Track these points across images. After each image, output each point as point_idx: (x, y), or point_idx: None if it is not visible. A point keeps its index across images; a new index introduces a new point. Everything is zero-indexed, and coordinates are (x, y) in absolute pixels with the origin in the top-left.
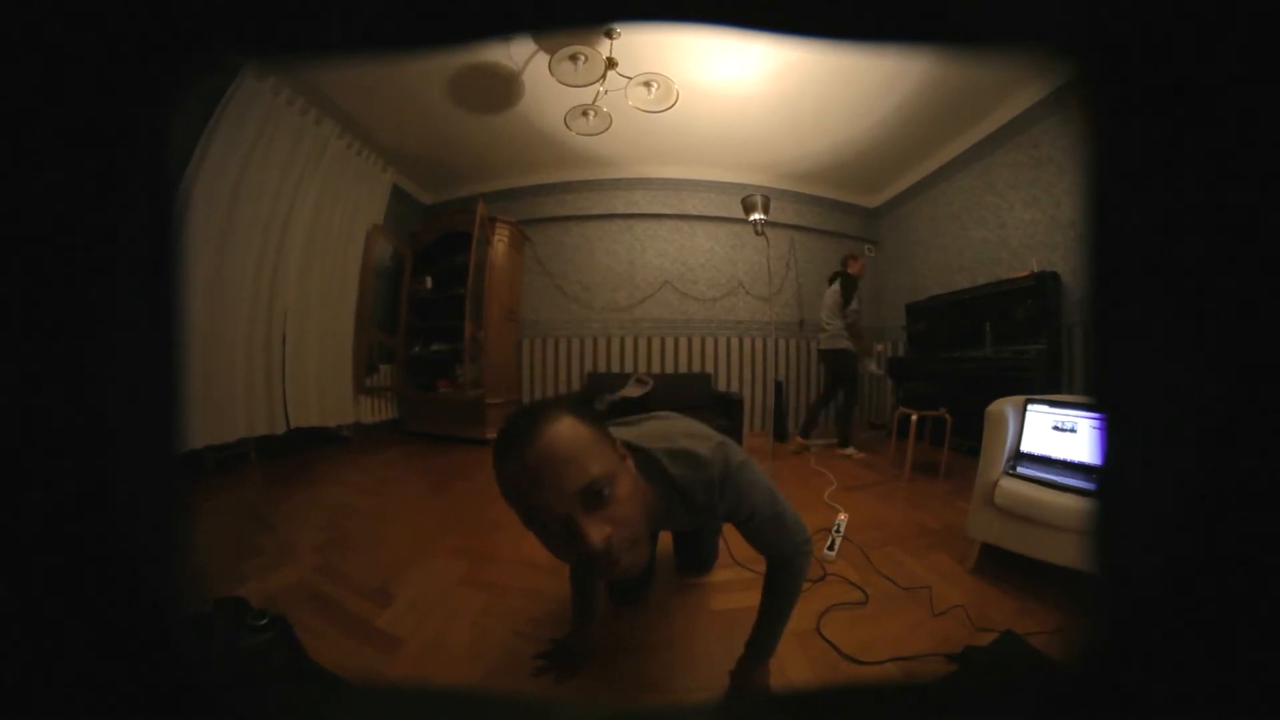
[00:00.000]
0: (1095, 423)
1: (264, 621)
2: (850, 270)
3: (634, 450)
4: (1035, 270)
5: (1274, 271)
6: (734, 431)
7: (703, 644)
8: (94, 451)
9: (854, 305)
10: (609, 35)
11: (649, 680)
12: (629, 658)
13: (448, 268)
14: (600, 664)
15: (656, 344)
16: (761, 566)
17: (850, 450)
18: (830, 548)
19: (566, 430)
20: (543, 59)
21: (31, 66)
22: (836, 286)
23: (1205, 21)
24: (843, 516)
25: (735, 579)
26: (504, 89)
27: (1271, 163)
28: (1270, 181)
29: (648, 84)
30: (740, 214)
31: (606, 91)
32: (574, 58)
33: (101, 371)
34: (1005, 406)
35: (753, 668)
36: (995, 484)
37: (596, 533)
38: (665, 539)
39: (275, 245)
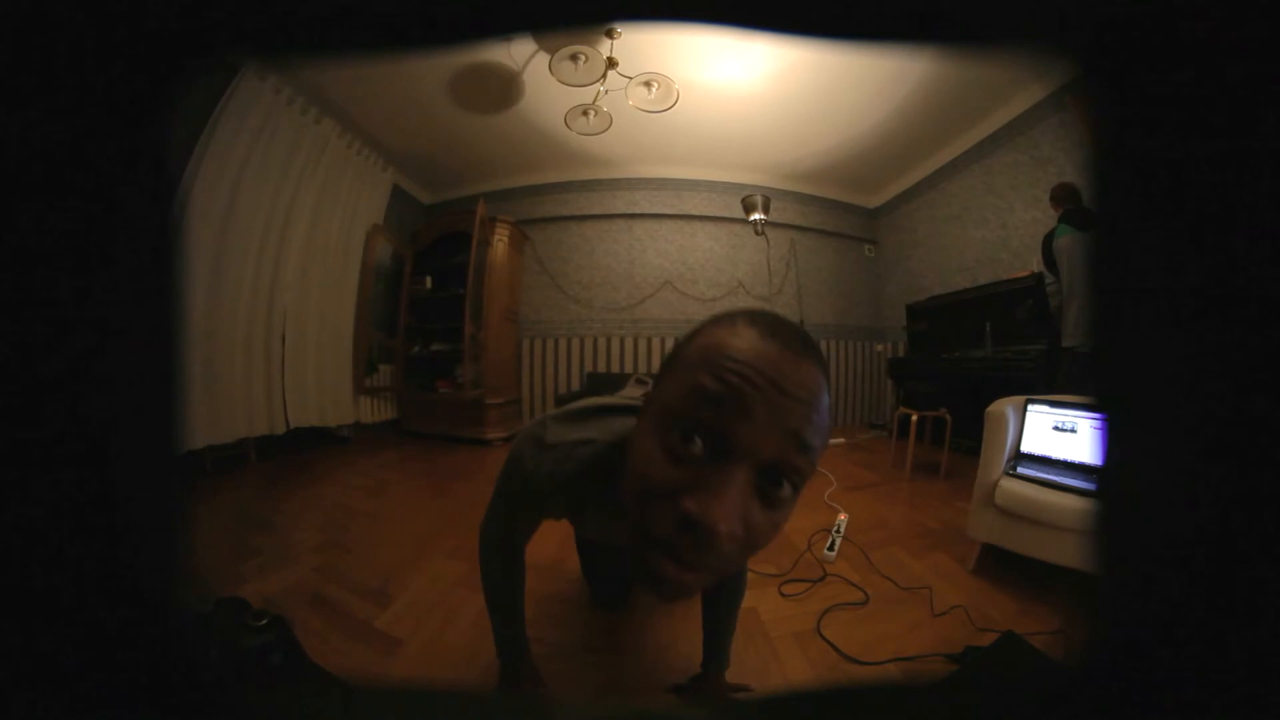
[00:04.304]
0: (1095, 423)
1: (264, 622)
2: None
3: None
4: (1035, 270)
5: (1274, 270)
6: None
7: (699, 643)
8: (93, 452)
9: None
10: (609, 35)
11: (647, 680)
12: (626, 658)
13: (448, 268)
14: (596, 664)
15: (656, 344)
16: (760, 567)
17: None
18: (830, 548)
19: (825, 385)
20: (543, 59)
21: (30, 66)
22: (1071, 238)
23: (1206, 21)
24: (843, 516)
25: None
26: (504, 89)
27: (1274, 162)
28: (1272, 180)
29: (648, 84)
30: (740, 214)
31: (607, 91)
32: (574, 57)
33: (101, 371)
34: (1005, 407)
35: (711, 679)
36: (995, 484)
37: (727, 512)
38: None
39: (275, 245)
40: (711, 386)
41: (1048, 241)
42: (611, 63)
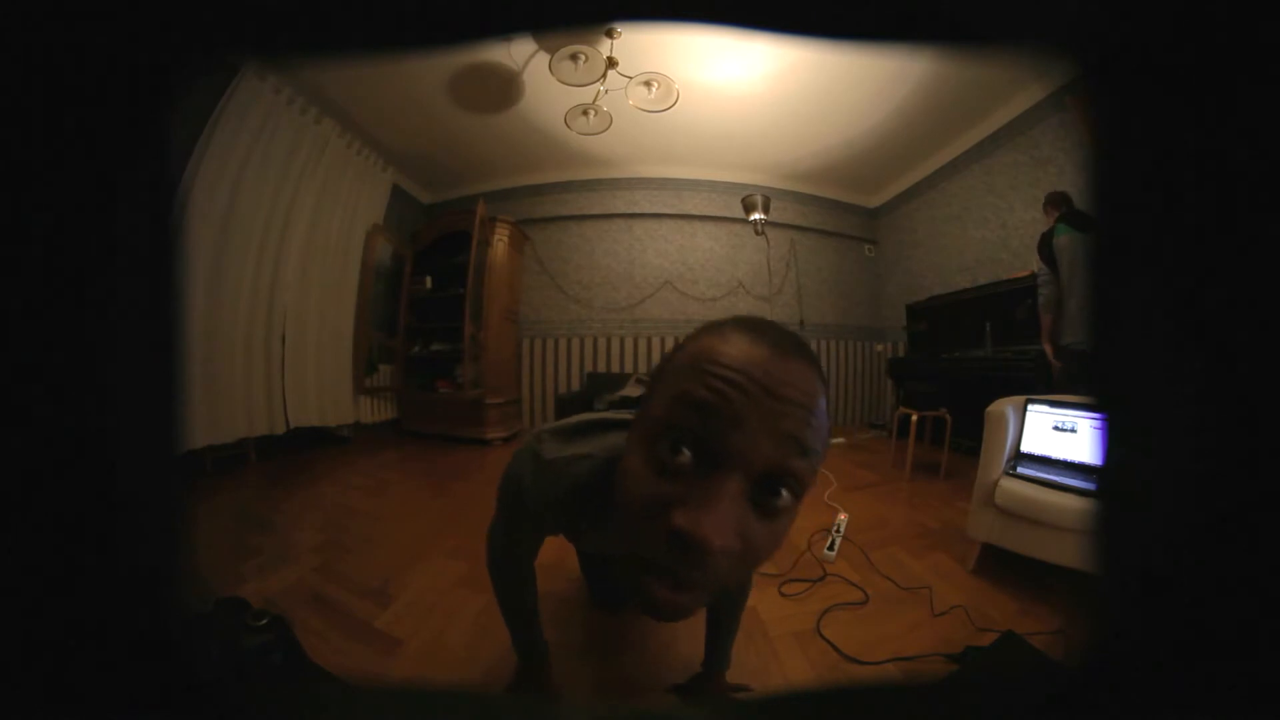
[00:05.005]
0: (1095, 423)
1: (264, 622)
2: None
3: None
4: (1035, 270)
5: (1274, 270)
6: None
7: (699, 643)
8: (94, 452)
9: None
10: (609, 34)
11: (647, 680)
12: (626, 657)
13: (447, 268)
14: (595, 664)
15: (656, 344)
16: (761, 567)
17: None
18: (830, 548)
19: (822, 388)
20: (543, 58)
21: (31, 66)
22: (1070, 238)
23: (1206, 20)
24: (843, 516)
25: None
26: (504, 89)
27: (1272, 162)
28: (1271, 180)
29: (648, 83)
30: (740, 214)
31: (607, 91)
32: (574, 57)
33: (101, 371)
34: (1005, 406)
35: (712, 679)
36: (995, 484)
37: (719, 525)
38: None
39: (275, 245)
40: (698, 393)
41: (1045, 240)
42: (611, 63)
